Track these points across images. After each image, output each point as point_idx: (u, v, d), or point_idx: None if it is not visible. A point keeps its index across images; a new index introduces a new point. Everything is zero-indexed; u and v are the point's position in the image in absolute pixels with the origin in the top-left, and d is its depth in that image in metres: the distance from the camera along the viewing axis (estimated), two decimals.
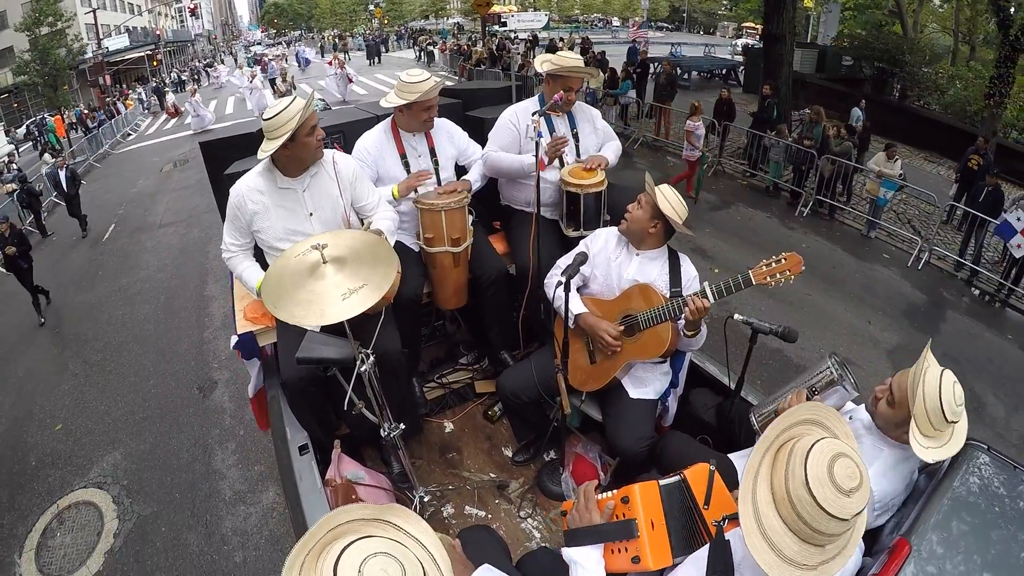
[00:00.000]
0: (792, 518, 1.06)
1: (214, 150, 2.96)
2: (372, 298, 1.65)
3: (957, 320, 6.81)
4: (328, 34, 47.11)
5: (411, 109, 2.60)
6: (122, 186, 12.87)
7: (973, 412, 5.16)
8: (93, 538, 3.97)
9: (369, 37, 36.78)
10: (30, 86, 23.95)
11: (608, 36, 33.60)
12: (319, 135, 2.20)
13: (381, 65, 27.97)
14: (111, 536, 3.96)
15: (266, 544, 3.69)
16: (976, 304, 7.17)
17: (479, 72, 17.83)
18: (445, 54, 25.56)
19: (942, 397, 1.45)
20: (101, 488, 4.37)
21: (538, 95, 2.86)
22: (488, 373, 3.24)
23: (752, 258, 2.39)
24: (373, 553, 0.89)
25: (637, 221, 2.23)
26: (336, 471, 2.22)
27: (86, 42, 26.99)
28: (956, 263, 7.68)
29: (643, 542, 1.41)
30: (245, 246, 2.38)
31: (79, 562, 3.81)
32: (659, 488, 1.51)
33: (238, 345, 2.51)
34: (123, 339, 6.41)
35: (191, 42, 48.20)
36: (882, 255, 8.06)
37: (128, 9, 35.66)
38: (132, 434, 4.89)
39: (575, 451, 2.68)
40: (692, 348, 2.32)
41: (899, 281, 7.47)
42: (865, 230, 8.49)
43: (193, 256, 8.48)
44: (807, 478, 1.03)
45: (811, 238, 8.39)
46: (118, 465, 4.57)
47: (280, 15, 57.26)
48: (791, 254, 1.96)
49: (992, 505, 1.51)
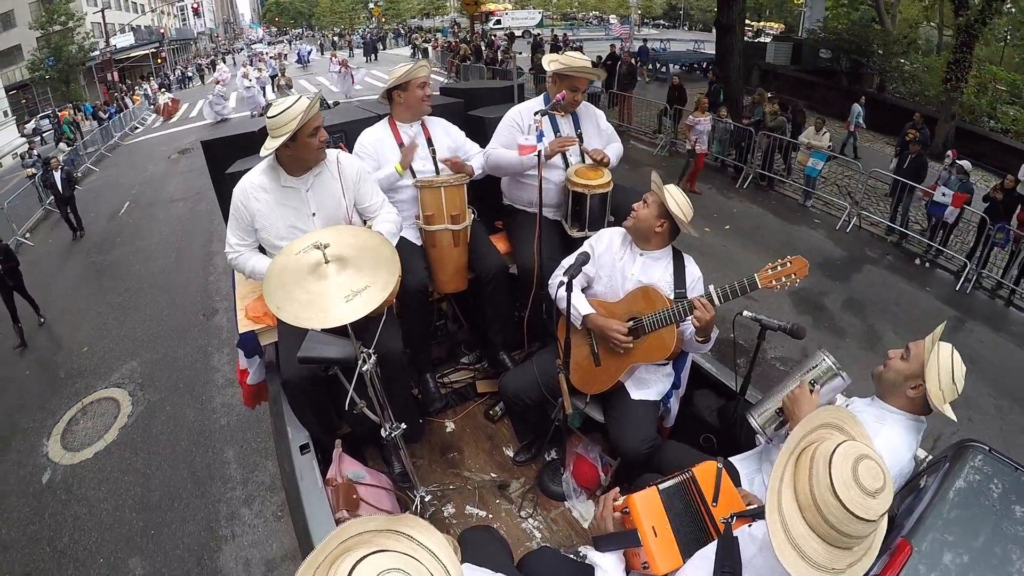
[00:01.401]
0: (818, 522, 1.05)
1: (216, 149, 2.96)
2: (376, 300, 1.64)
3: (874, 272, 7.56)
4: (328, 32, 47.33)
5: (408, 90, 2.70)
6: (134, 171, 13.84)
7: (867, 342, 6.03)
8: (111, 420, 5.13)
9: (367, 35, 37.65)
10: (43, 82, 25.28)
11: (601, 33, 33.91)
12: (322, 137, 2.21)
13: (378, 62, 29.20)
14: (125, 416, 5.16)
15: (246, 412, 4.68)
16: (899, 262, 7.89)
17: (465, 68, 18.47)
18: (437, 51, 26.56)
19: (954, 368, 1.63)
20: (120, 387, 5.58)
21: (543, 95, 2.86)
22: (489, 373, 3.24)
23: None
24: (387, 570, 0.86)
25: (644, 220, 2.23)
26: (337, 470, 2.22)
27: (96, 40, 28.39)
28: (888, 228, 8.37)
29: (648, 549, 1.45)
30: (250, 245, 2.38)
31: (97, 437, 4.92)
32: (659, 493, 1.53)
33: (240, 344, 2.52)
34: (140, 286, 7.67)
35: (193, 40, 48.72)
36: (813, 220, 8.93)
37: (132, 8, 36.51)
38: (147, 349, 6.16)
39: (576, 451, 2.68)
40: (701, 351, 2.32)
41: (822, 240, 8.26)
42: (802, 199, 9.28)
43: (200, 223, 9.42)
44: (832, 482, 1.03)
45: (745, 205, 9.21)
46: (135, 370, 5.80)
47: (281, 13, 57.35)
48: (796, 257, 1.96)
49: (993, 505, 1.51)
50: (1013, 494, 1.54)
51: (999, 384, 5.42)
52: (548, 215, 2.82)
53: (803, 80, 16.07)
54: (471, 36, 23.19)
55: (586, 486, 2.57)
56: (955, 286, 7.27)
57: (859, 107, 11.34)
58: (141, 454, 4.72)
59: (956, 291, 7.22)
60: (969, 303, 7.01)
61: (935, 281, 7.44)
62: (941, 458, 1.76)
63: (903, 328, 6.06)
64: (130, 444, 4.83)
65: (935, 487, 1.57)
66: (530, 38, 23.30)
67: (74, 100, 24.53)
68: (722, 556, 1.25)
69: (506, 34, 26.82)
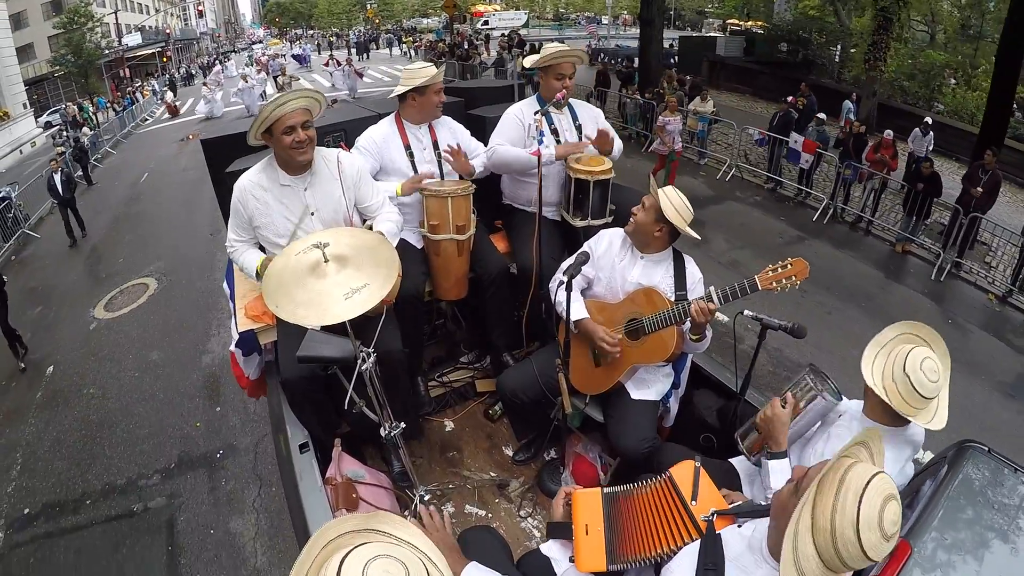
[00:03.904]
0: (828, 551, 1.03)
1: (215, 148, 2.96)
2: (375, 298, 1.64)
3: (735, 206, 9.26)
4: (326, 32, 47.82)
5: (424, 94, 2.64)
6: (148, 152, 16.03)
7: (730, 264, 7.29)
8: (141, 294, 7.44)
9: (361, 36, 38.98)
10: (64, 77, 28.47)
11: (584, 33, 34.61)
12: (300, 137, 2.12)
13: (369, 60, 31.36)
14: (152, 291, 7.51)
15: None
16: (768, 201, 9.61)
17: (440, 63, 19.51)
18: (421, 50, 28.48)
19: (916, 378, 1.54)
20: (148, 277, 7.89)
21: (535, 96, 2.84)
22: (489, 372, 3.23)
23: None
24: (374, 556, 0.89)
25: (642, 224, 2.21)
26: (336, 470, 2.22)
27: (113, 39, 31.74)
28: (767, 178, 10.00)
29: (576, 545, 1.50)
30: (248, 241, 2.39)
31: (132, 303, 7.24)
32: (601, 495, 1.57)
33: (239, 343, 2.51)
34: (157, 226, 10.01)
35: (196, 40, 49.77)
36: (699, 173, 10.71)
37: (139, 9, 38.93)
38: (167, 256, 8.47)
39: (575, 451, 2.68)
40: (697, 351, 2.31)
41: (698, 185, 10.00)
42: (697, 159, 11.13)
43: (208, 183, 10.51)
44: (858, 520, 1.00)
45: (643, 163, 10.30)
46: (159, 267, 8.14)
47: (282, 14, 57.56)
48: (797, 259, 1.95)
49: (991, 505, 1.51)
50: (1012, 494, 1.54)
51: (832, 287, 6.86)
52: (548, 214, 2.82)
53: (748, 69, 18.29)
54: (450, 35, 25.39)
55: (585, 486, 2.57)
56: (812, 218, 8.85)
57: (850, 103, 11.85)
58: (164, 306, 7.09)
59: (813, 222, 8.75)
60: (822, 230, 8.59)
61: (799, 216, 8.99)
62: (940, 459, 1.76)
63: (763, 254, 7.14)
64: (156, 303, 7.21)
65: (934, 488, 1.57)
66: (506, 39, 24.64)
67: (92, 93, 27.31)
68: (705, 553, 1.25)
69: (483, 35, 29.29)
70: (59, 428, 5.11)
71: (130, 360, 6.00)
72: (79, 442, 4.90)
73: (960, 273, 7.41)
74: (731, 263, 7.28)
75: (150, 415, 5.09)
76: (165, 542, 3.81)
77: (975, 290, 7.18)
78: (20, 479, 4.61)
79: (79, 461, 4.68)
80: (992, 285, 7.20)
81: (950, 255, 7.39)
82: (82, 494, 4.33)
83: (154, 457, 4.59)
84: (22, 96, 23.58)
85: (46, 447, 4.92)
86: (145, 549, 3.79)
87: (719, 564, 1.22)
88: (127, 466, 4.55)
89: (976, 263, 7.58)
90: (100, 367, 5.96)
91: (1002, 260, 7.85)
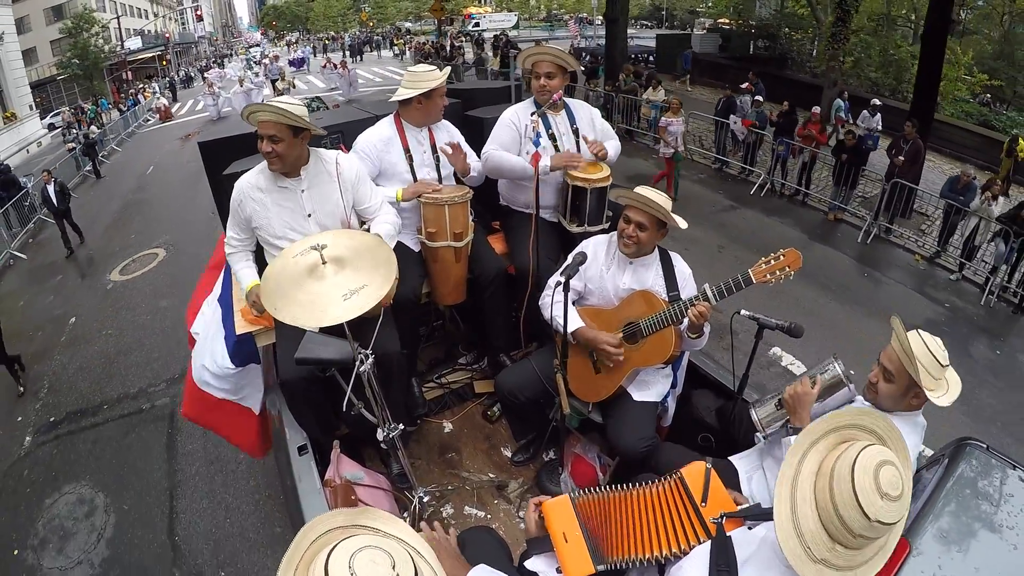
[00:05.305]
0: (831, 519, 1.06)
1: (213, 150, 2.95)
2: (373, 299, 1.64)
3: (685, 186, 9.66)
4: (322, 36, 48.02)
5: (431, 98, 2.63)
6: (152, 148, 17.24)
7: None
8: (152, 261, 8.59)
9: (355, 39, 39.55)
10: (70, 79, 29.46)
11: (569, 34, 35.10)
12: (265, 148, 2.13)
13: (363, 62, 32.47)
14: (161, 258, 8.64)
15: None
16: (712, 178, 10.45)
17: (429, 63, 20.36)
18: (411, 52, 29.94)
19: (930, 349, 1.60)
20: (158, 247, 9.04)
21: (530, 98, 2.83)
22: (487, 373, 3.23)
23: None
24: (360, 548, 0.90)
25: (649, 241, 2.20)
26: (335, 471, 2.22)
27: (116, 44, 32.94)
28: (715, 159, 10.94)
29: (559, 555, 1.48)
30: (246, 242, 2.39)
31: (143, 269, 8.38)
32: (571, 501, 1.56)
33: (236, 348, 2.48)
34: (165, 208, 11.26)
35: (195, 44, 50.10)
36: (651, 156, 11.20)
37: (139, 14, 39.57)
38: (173, 231, 9.59)
39: (574, 451, 2.67)
40: (695, 349, 2.31)
41: (648, 165, 10.73)
42: (652, 143, 11.45)
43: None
44: (855, 490, 1.03)
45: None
46: (167, 240, 9.29)
47: (279, 17, 57.63)
48: (790, 250, 1.94)
49: (990, 503, 1.51)
50: (1011, 492, 1.54)
51: (752, 245, 7.29)
52: (545, 216, 2.82)
53: (721, 64, 19.35)
54: (438, 37, 26.45)
55: (584, 486, 2.56)
56: (750, 191, 9.58)
57: (841, 102, 12.05)
58: (173, 267, 8.21)
59: (751, 195, 9.51)
60: (757, 201, 9.29)
61: (738, 190, 9.70)
62: (939, 456, 1.76)
63: (692, 220, 8.00)
64: (165, 266, 8.33)
65: (933, 485, 1.57)
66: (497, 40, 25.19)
67: (96, 95, 28.32)
68: (716, 556, 1.25)
69: (474, 37, 29.82)
70: (82, 359, 6.16)
71: (143, 307, 7.15)
72: (99, 367, 5.93)
73: (890, 238, 7.98)
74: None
75: (159, 344, 6.12)
76: (166, 428, 4.82)
77: (904, 253, 7.74)
78: (47, 397, 5.59)
79: (99, 380, 5.72)
80: (922, 248, 7.71)
81: (881, 222, 7.95)
82: (100, 403, 5.35)
83: (162, 372, 5.63)
84: (28, 98, 24.49)
85: (71, 373, 5.92)
86: (149, 434, 4.79)
87: (731, 566, 1.22)
88: (139, 380, 5.59)
89: (912, 231, 8.08)
90: (117, 315, 7.09)
91: (935, 227, 8.23)
